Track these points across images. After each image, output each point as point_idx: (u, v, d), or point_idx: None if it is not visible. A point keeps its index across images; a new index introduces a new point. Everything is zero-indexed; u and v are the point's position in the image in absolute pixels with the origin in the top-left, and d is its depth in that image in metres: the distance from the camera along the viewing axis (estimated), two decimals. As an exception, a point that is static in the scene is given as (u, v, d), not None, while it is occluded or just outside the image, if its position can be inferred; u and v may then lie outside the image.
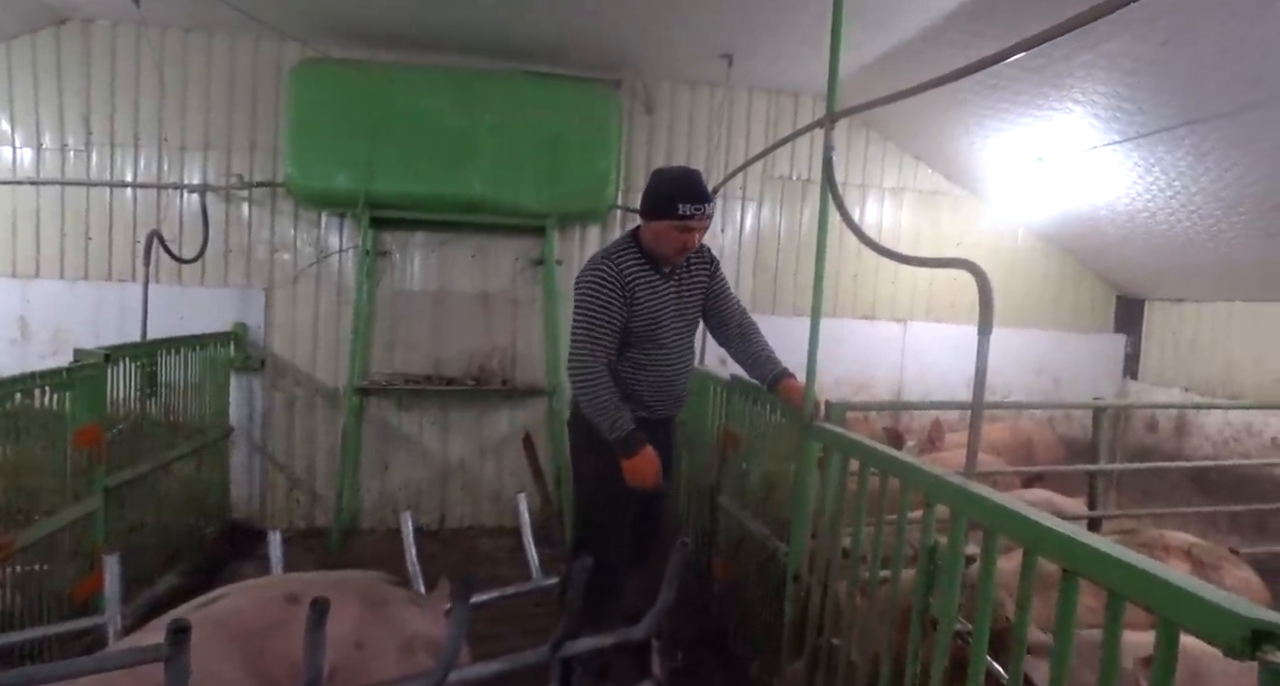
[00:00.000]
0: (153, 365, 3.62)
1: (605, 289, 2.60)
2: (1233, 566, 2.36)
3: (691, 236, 2.63)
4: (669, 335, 2.78)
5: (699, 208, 2.56)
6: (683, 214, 2.56)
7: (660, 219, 2.60)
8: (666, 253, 2.67)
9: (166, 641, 1.42)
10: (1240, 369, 4.98)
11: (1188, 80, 3.30)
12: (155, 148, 4.52)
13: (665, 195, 2.59)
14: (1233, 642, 0.98)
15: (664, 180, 2.66)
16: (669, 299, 2.77)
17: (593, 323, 2.60)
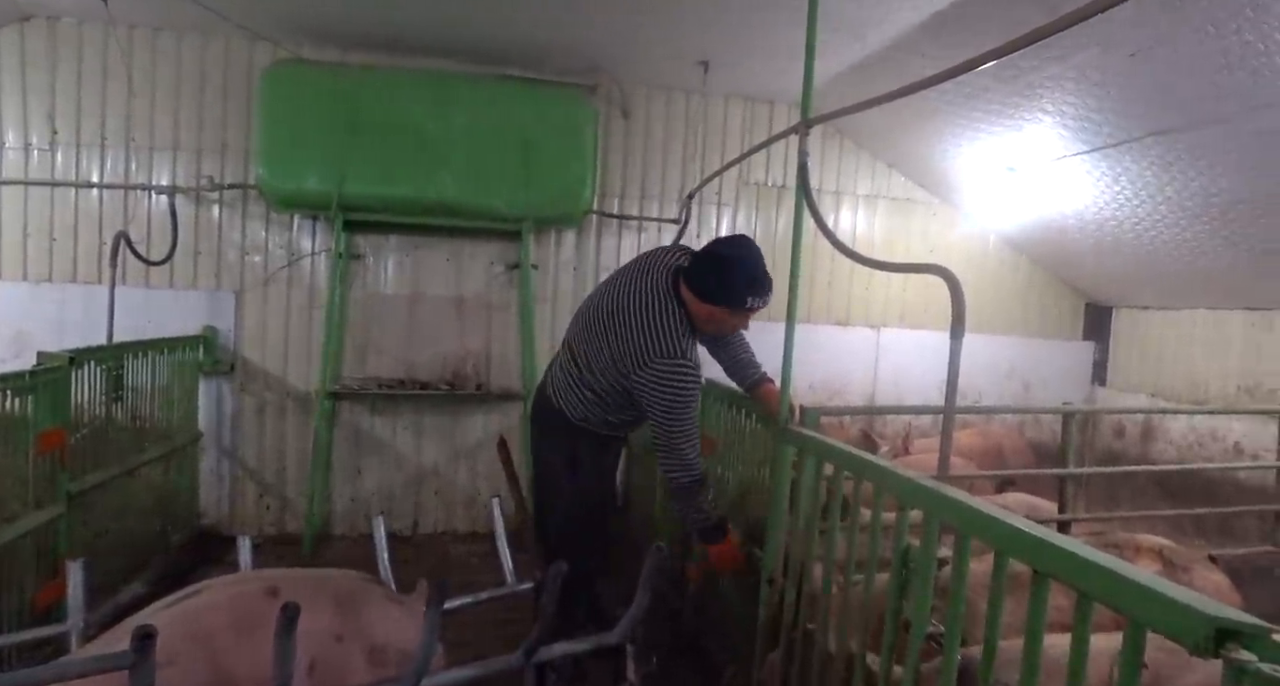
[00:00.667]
0: (119, 368, 3.55)
1: (694, 388, 2.53)
2: (1204, 569, 2.41)
3: (745, 322, 2.64)
4: None
5: (765, 299, 2.54)
6: (752, 307, 2.54)
7: (722, 305, 2.52)
8: (710, 331, 2.66)
9: (131, 648, 1.40)
10: (1204, 375, 5.08)
11: (1154, 92, 3.37)
12: (123, 148, 4.44)
13: (738, 286, 2.49)
14: (1198, 641, 0.99)
15: (737, 274, 2.49)
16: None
17: (687, 420, 2.53)
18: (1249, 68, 2.95)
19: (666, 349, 2.47)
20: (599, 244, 5.06)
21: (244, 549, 2.30)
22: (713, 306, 2.51)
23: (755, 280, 2.49)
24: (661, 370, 2.45)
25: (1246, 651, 0.95)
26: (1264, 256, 4.15)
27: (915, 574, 1.77)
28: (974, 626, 1.98)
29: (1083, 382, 5.87)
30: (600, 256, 5.07)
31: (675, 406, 2.46)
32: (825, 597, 2.21)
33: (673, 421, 2.48)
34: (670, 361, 2.46)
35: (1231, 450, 4.78)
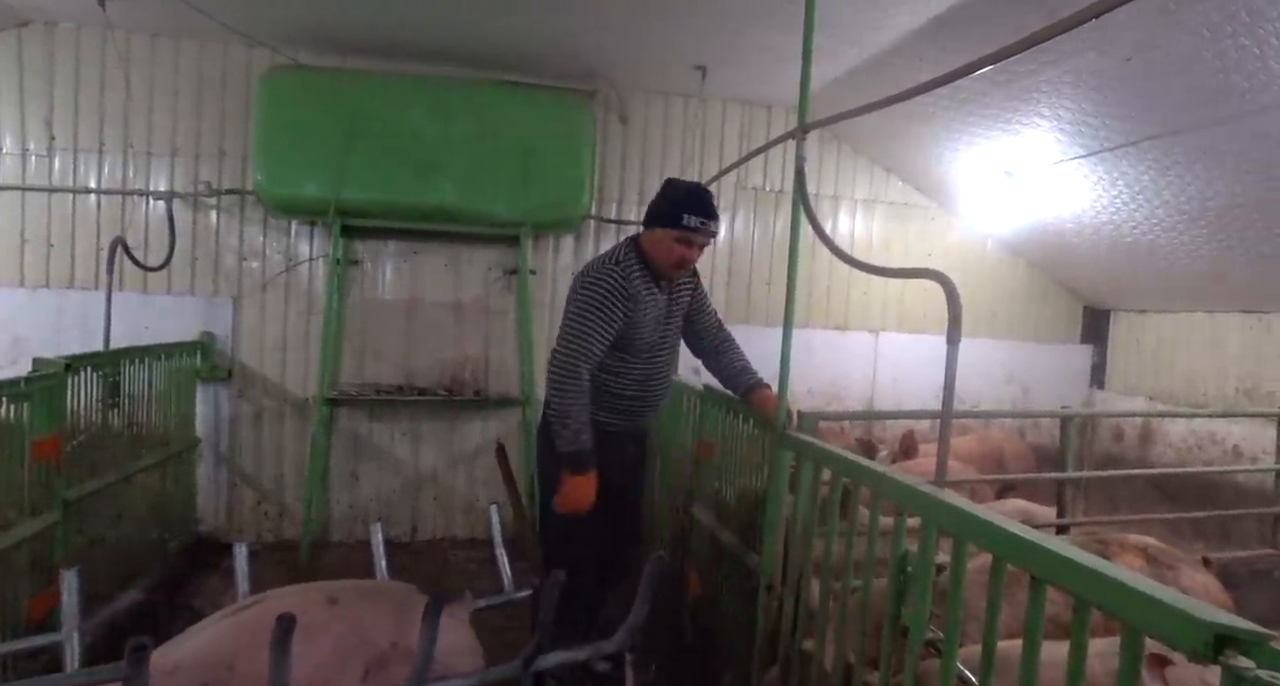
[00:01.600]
0: (116, 375, 3.54)
1: (612, 299, 2.54)
2: (1190, 569, 2.40)
3: (691, 251, 2.62)
4: (653, 350, 2.76)
5: (704, 223, 2.56)
6: (687, 224, 2.55)
7: (664, 227, 2.59)
8: (663, 263, 2.65)
9: (126, 660, 1.39)
10: (1202, 378, 5.08)
11: (1150, 97, 3.38)
12: (121, 153, 4.44)
13: (673, 204, 2.59)
14: (1196, 647, 0.99)
15: (675, 190, 2.65)
16: (663, 313, 2.75)
17: (589, 331, 2.53)
18: (1244, 72, 2.95)
19: (596, 266, 2.62)
20: (597, 249, 5.05)
21: (240, 555, 2.30)
22: (654, 231, 2.61)
23: (691, 199, 2.56)
24: (583, 280, 2.59)
25: (1245, 657, 0.95)
26: (1260, 259, 4.16)
27: (913, 579, 1.76)
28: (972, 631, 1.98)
29: (1081, 386, 5.87)
30: (598, 261, 5.06)
31: (583, 311, 2.53)
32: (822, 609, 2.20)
33: (572, 323, 2.54)
34: (594, 273, 2.58)
35: (1230, 453, 4.77)
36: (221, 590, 3.85)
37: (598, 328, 2.53)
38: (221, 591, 3.84)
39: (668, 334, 2.80)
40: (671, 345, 2.86)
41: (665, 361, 2.83)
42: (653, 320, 2.70)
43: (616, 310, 2.54)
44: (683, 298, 2.87)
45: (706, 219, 2.57)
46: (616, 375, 2.73)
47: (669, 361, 2.87)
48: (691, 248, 2.61)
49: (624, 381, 2.75)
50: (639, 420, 2.89)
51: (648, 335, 2.70)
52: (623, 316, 2.56)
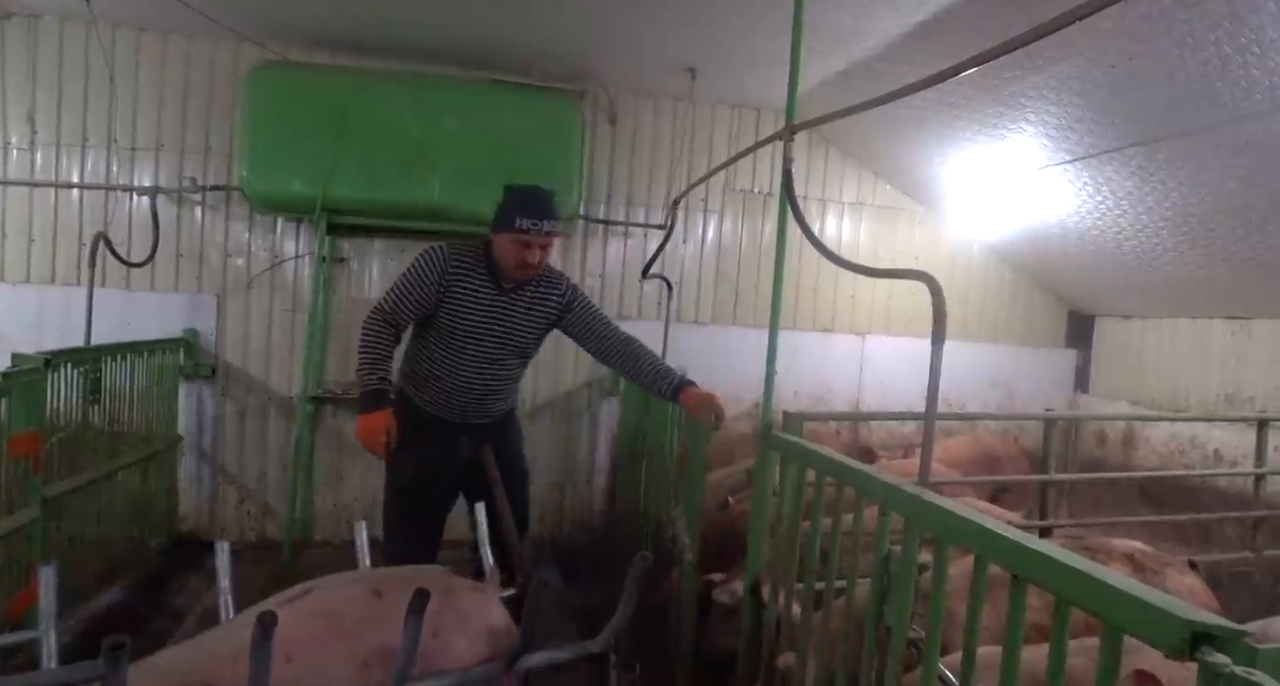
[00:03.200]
0: (97, 371, 3.50)
1: (422, 273, 2.66)
2: (1177, 572, 2.42)
3: (530, 252, 2.63)
4: (475, 347, 2.74)
5: (536, 224, 2.58)
6: (519, 227, 2.58)
7: (500, 231, 2.64)
8: (506, 266, 2.68)
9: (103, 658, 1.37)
10: (1185, 383, 5.13)
11: (1134, 103, 3.41)
12: (104, 148, 4.40)
13: (506, 208, 2.64)
14: (1173, 644, 1.00)
15: (510, 194, 2.69)
16: (494, 313, 2.74)
17: (402, 296, 2.67)
18: (1227, 78, 2.98)
19: (442, 245, 2.72)
20: (585, 249, 5.06)
21: (222, 553, 2.27)
22: (497, 235, 2.66)
23: (523, 203, 2.61)
24: (422, 251, 2.71)
25: (1221, 654, 0.96)
26: (1243, 265, 4.20)
27: (896, 579, 1.76)
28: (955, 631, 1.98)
29: (1066, 390, 5.92)
30: (587, 262, 5.07)
31: (405, 276, 2.68)
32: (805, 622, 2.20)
33: (398, 281, 2.69)
34: (432, 249, 2.70)
35: (1212, 457, 4.82)
36: (203, 589, 3.82)
37: (408, 295, 2.66)
38: (203, 590, 3.80)
39: (494, 334, 2.76)
40: (498, 349, 2.79)
41: (483, 359, 2.77)
42: (476, 316, 2.72)
43: (428, 287, 2.65)
44: (538, 311, 2.82)
45: (538, 219, 2.59)
46: (426, 354, 2.78)
47: (492, 363, 2.79)
48: (529, 248, 2.62)
49: (429, 364, 2.78)
50: (453, 415, 2.82)
51: (462, 327, 2.71)
52: (434, 295, 2.66)
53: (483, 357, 2.77)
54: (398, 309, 2.67)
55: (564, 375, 5.03)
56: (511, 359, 2.85)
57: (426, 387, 2.80)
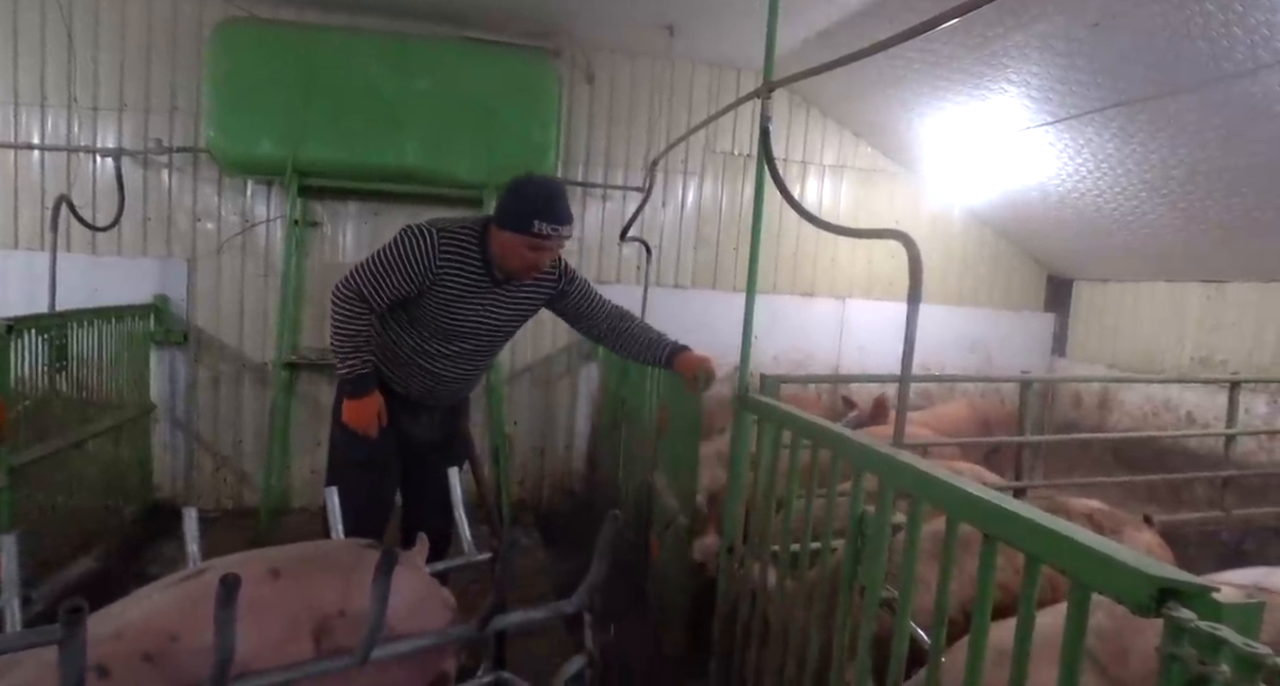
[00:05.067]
0: (63, 338, 3.42)
1: (407, 261, 2.37)
2: (1135, 530, 2.45)
3: (542, 257, 2.42)
4: (459, 342, 2.56)
5: (556, 229, 2.35)
6: (538, 232, 2.33)
7: (513, 231, 2.37)
8: (510, 268, 2.45)
9: (60, 622, 1.35)
10: (1160, 347, 5.18)
11: (1116, 63, 3.37)
12: (64, 108, 4.26)
13: (524, 207, 2.35)
14: (1140, 600, 0.99)
15: (526, 190, 2.39)
16: (484, 307, 2.53)
17: (380, 276, 2.38)
18: (1209, 37, 2.95)
19: (433, 225, 2.43)
20: (563, 212, 4.98)
21: (189, 520, 2.24)
22: (506, 233, 2.39)
23: (544, 203, 2.35)
24: (409, 229, 2.41)
25: (1186, 609, 0.96)
26: (1219, 229, 4.21)
27: (869, 540, 1.77)
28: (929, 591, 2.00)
29: (1044, 354, 5.96)
30: (564, 225, 4.99)
31: (389, 257, 2.38)
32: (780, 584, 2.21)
33: (375, 261, 2.39)
34: (420, 230, 2.40)
35: (1184, 419, 4.88)
36: (179, 557, 3.78)
37: (385, 279, 2.39)
38: (179, 558, 3.77)
39: (482, 328, 2.58)
40: (484, 343, 2.64)
41: (466, 352, 2.61)
42: (464, 311, 2.50)
43: (411, 278, 2.38)
44: (529, 297, 2.63)
45: (559, 224, 2.35)
46: (402, 337, 2.57)
47: (474, 355, 2.65)
48: (544, 253, 2.41)
49: (402, 348, 2.58)
50: (428, 396, 2.69)
51: (447, 321, 2.51)
52: (416, 287, 2.41)
53: (466, 351, 2.61)
54: (373, 291, 2.40)
55: (543, 340, 5.00)
56: (496, 348, 2.72)
57: (395, 366, 2.62)
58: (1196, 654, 0.94)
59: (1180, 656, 0.95)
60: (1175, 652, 0.96)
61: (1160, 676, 0.99)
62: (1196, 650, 0.94)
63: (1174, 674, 0.97)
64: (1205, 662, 0.93)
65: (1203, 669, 0.93)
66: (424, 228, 2.40)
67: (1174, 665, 0.97)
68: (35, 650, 1.41)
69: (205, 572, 1.78)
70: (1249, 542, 3.85)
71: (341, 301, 2.41)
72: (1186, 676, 0.95)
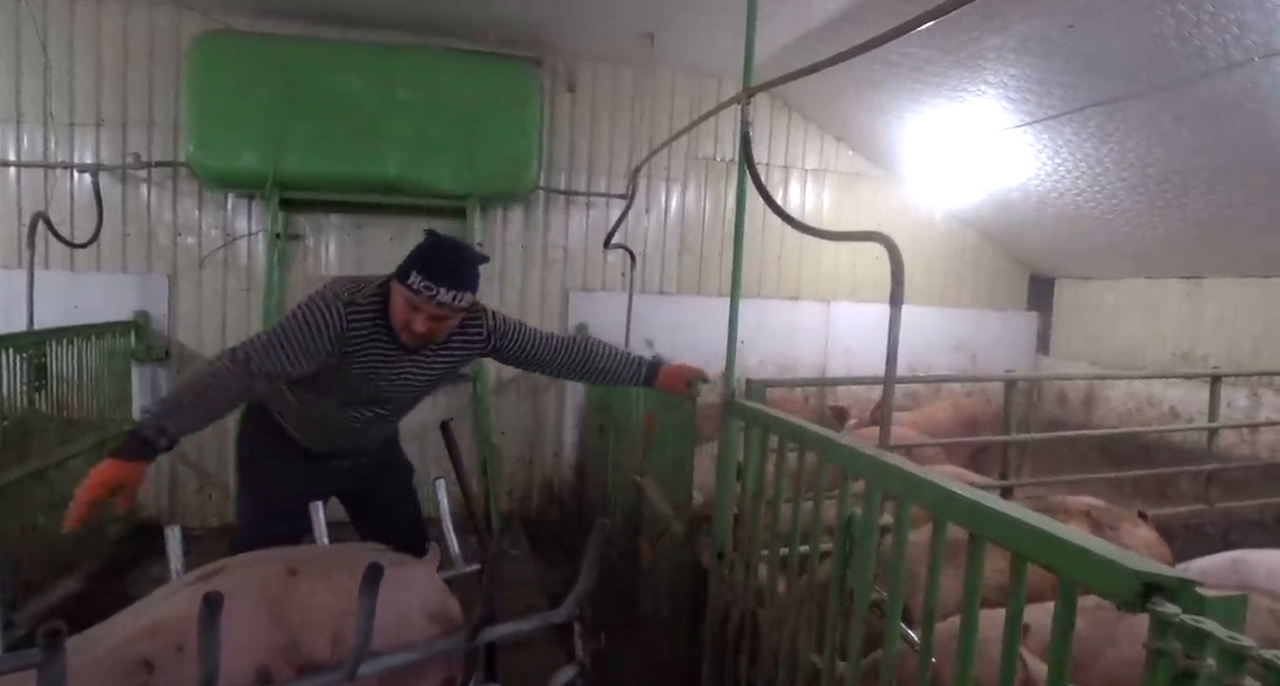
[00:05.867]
0: (41, 356, 3.39)
1: (311, 334, 2.05)
2: (1132, 526, 2.47)
3: (416, 318, 2.08)
4: (373, 409, 2.33)
5: (431, 289, 2.02)
6: (412, 285, 2.03)
7: (396, 281, 2.08)
8: (396, 327, 2.14)
9: (40, 646, 1.33)
10: (1141, 343, 5.23)
11: (1092, 64, 3.41)
12: (40, 124, 4.22)
13: (410, 256, 2.07)
14: (1125, 596, 1.00)
15: (425, 244, 2.11)
16: (400, 376, 2.25)
17: (276, 354, 2.04)
18: (1181, 37, 2.99)
19: (332, 291, 2.12)
20: (547, 221, 4.98)
21: (172, 539, 2.21)
22: (392, 283, 2.11)
23: (430, 259, 2.04)
24: (311, 300, 2.10)
25: (1171, 604, 0.96)
26: (1198, 225, 4.26)
27: (858, 542, 1.77)
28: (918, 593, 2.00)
29: (1028, 353, 6.00)
30: (549, 233, 5.00)
31: (287, 327, 2.06)
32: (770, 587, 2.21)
33: (274, 332, 2.07)
34: (322, 301, 2.08)
35: (1168, 414, 4.93)
36: (163, 576, 3.74)
37: (283, 354, 2.05)
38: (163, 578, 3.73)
39: (400, 396, 2.35)
40: (405, 403, 2.44)
41: (380, 418, 2.39)
42: (379, 382, 2.23)
43: (315, 353, 2.08)
44: (459, 357, 2.36)
45: (435, 284, 2.02)
46: (306, 400, 2.31)
47: (393, 414, 2.45)
48: (417, 313, 2.06)
49: (308, 409, 2.33)
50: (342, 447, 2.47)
51: (359, 394, 2.26)
52: (320, 361, 2.11)
53: (384, 414, 2.39)
54: (266, 366, 2.03)
55: (529, 349, 4.98)
56: (421, 400, 2.49)
57: (297, 424, 2.36)
58: (1182, 648, 0.94)
59: (1166, 651, 0.96)
60: (1161, 647, 0.96)
61: (1147, 671, 0.99)
62: (1182, 644, 0.94)
63: (1160, 668, 0.97)
64: (1191, 656, 0.93)
65: (1188, 663, 0.93)
66: (330, 300, 2.09)
67: (1160, 660, 0.97)
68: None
69: (226, 569, 1.78)
70: (1234, 534, 3.88)
71: (216, 368, 2.02)
72: (1173, 671, 0.96)
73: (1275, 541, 3.73)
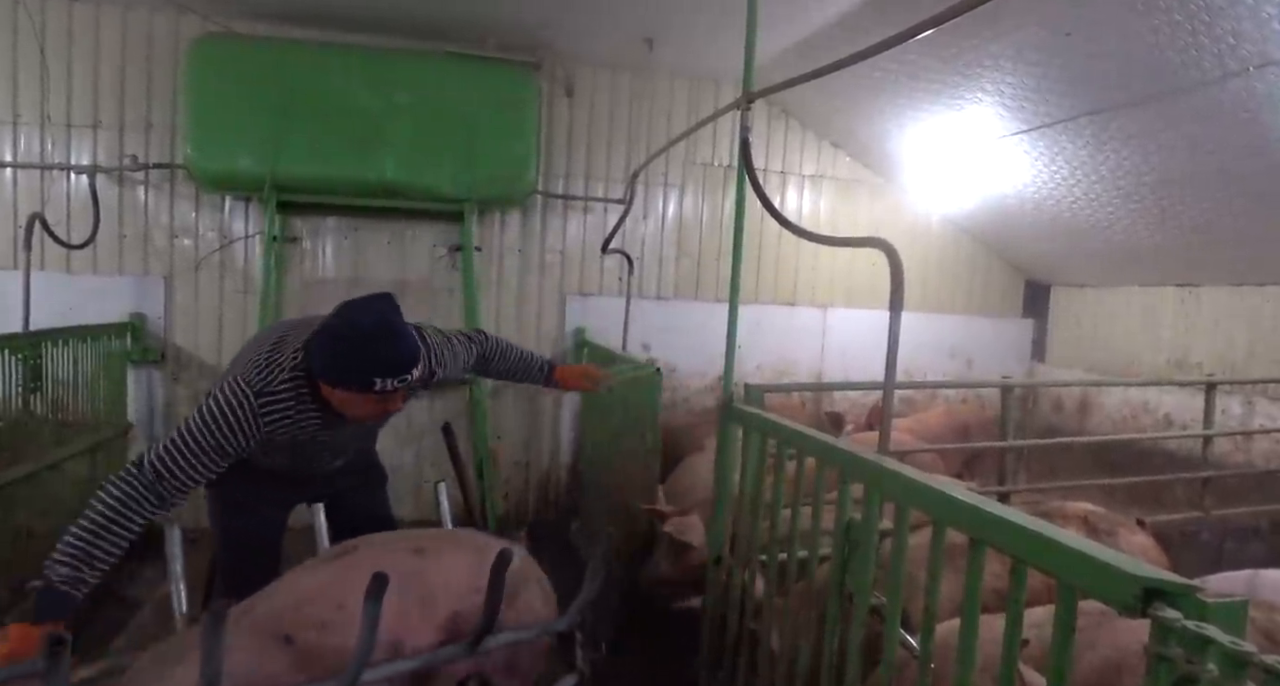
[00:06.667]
0: (37, 358, 3.37)
1: (225, 437, 1.90)
2: (1129, 532, 2.48)
3: (395, 403, 2.04)
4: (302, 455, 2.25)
5: (405, 379, 1.93)
6: (381, 390, 1.92)
7: (345, 388, 1.93)
8: (360, 416, 2.06)
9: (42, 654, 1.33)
10: (1137, 350, 5.25)
11: (1089, 72, 3.43)
12: (37, 126, 4.21)
13: (356, 366, 1.90)
14: (1126, 601, 1.00)
15: (352, 343, 1.90)
16: (341, 431, 2.20)
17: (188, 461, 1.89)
18: (1176, 47, 3.01)
19: (247, 376, 1.96)
20: (544, 225, 4.99)
21: (172, 541, 2.22)
22: (336, 390, 1.95)
23: (377, 358, 1.91)
24: (216, 398, 1.92)
25: (1172, 609, 0.96)
26: (1193, 233, 4.28)
27: (857, 547, 1.77)
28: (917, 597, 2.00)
29: (1023, 359, 6.02)
30: (546, 238, 5.00)
31: (188, 431, 1.90)
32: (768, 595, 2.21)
33: (174, 439, 1.90)
34: (232, 394, 1.91)
35: (1163, 421, 4.95)
36: (159, 577, 3.72)
37: (201, 461, 1.91)
38: (159, 579, 3.71)
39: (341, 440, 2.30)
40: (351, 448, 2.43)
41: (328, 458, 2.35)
42: (315, 444, 2.17)
43: (229, 450, 1.93)
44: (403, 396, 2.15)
45: (405, 374, 1.93)
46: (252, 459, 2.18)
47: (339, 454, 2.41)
48: (396, 399, 2.02)
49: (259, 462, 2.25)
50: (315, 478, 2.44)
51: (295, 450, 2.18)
52: (236, 452, 1.95)
53: (340, 454, 2.38)
54: (178, 480, 1.89)
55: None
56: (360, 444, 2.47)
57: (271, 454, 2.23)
58: (1184, 653, 0.95)
59: (1168, 656, 0.96)
60: (1162, 652, 0.97)
61: (1148, 676, 1.00)
62: (1184, 649, 0.95)
63: (1161, 673, 0.98)
64: (1192, 661, 0.94)
65: (1190, 668, 0.94)
66: (240, 397, 1.91)
67: (1161, 665, 0.97)
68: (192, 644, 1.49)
69: (359, 547, 1.91)
70: (1230, 542, 3.90)
71: (117, 488, 1.83)
72: (1174, 676, 0.96)
73: (1270, 549, 3.75)
